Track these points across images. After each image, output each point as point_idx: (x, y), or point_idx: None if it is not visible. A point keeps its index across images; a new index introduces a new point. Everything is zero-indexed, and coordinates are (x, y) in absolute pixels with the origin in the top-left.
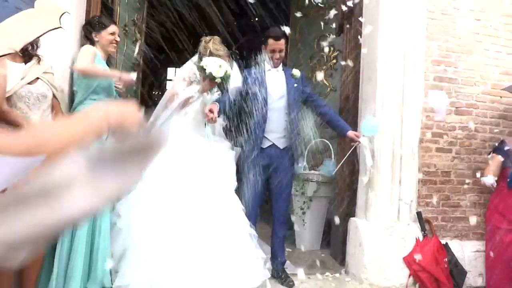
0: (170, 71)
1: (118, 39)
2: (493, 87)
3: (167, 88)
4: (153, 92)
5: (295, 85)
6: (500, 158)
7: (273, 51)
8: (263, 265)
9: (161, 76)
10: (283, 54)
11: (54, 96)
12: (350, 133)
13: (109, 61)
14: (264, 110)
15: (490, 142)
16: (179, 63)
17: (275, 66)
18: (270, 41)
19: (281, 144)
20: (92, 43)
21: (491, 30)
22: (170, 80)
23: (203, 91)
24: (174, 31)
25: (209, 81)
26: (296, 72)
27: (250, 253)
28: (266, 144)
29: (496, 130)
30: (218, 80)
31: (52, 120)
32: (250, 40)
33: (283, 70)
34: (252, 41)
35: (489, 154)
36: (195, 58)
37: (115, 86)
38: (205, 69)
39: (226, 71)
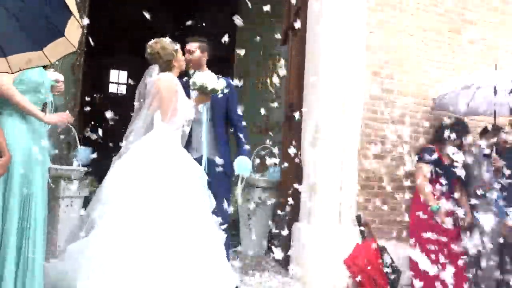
0: (113, 73)
1: None
2: (425, 98)
3: (110, 91)
4: (94, 95)
5: (220, 95)
6: (426, 165)
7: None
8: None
9: (103, 78)
10: (193, 56)
11: None
12: None
13: None
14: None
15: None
16: (122, 65)
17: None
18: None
19: (212, 155)
20: None
21: (422, 45)
22: (113, 82)
23: (198, 104)
24: (118, 32)
25: (206, 95)
26: (220, 83)
27: (224, 260)
28: (196, 155)
29: (427, 138)
30: (220, 92)
31: None
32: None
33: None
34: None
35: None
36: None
37: (54, 90)
38: (206, 86)
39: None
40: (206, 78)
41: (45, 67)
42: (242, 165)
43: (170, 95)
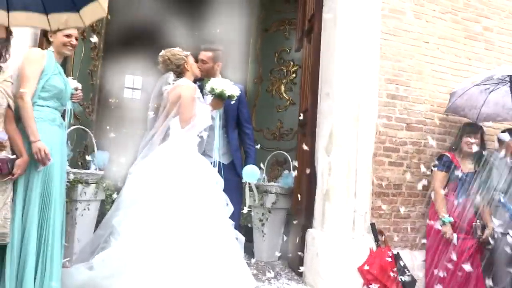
0: (128, 78)
1: (74, 42)
2: (440, 105)
3: (125, 96)
4: (111, 100)
5: (232, 102)
6: (442, 173)
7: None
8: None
9: (119, 83)
10: (205, 66)
11: (9, 105)
12: None
13: (64, 64)
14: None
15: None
16: (138, 70)
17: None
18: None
19: (224, 160)
20: (49, 43)
21: (438, 53)
22: (129, 88)
23: (214, 109)
24: (134, 38)
25: (221, 100)
26: (236, 89)
27: (242, 263)
28: (209, 160)
29: (443, 145)
30: (234, 97)
31: (3, 129)
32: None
33: None
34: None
35: (432, 169)
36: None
37: (74, 98)
38: (225, 92)
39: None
40: (224, 84)
41: (65, 73)
42: (250, 173)
43: (190, 101)
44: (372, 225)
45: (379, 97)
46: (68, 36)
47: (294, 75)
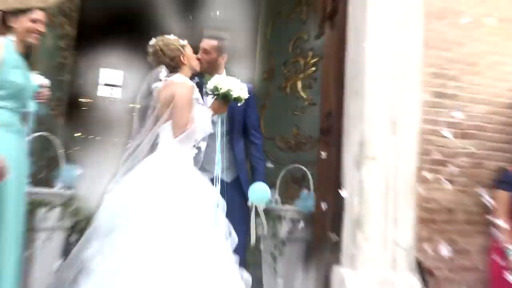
0: (106, 72)
1: (42, 29)
2: (503, 106)
3: (101, 94)
4: (83, 100)
5: (238, 104)
6: (505, 194)
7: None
8: None
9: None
10: (207, 57)
11: None
12: None
13: (28, 55)
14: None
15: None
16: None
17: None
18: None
19: (228, 176)
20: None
21: (499, 39)
22: (109, 85)
23: (215, 114)
24: (114, 22)
25: (226, 103)
26: (245, 90)
27: None
28: (208, 177)
29: (506, 158)
30: (242, 101)
31: None
32: None
33: None
34: None
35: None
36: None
37: (38, 97)
38: (231, 94)
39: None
40: (231, 82)
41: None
42: (257, 193)
43: (186, 103)
44: (418, 261)
45: (424, 96)
46: (34, 21)
47: (314, 68)
